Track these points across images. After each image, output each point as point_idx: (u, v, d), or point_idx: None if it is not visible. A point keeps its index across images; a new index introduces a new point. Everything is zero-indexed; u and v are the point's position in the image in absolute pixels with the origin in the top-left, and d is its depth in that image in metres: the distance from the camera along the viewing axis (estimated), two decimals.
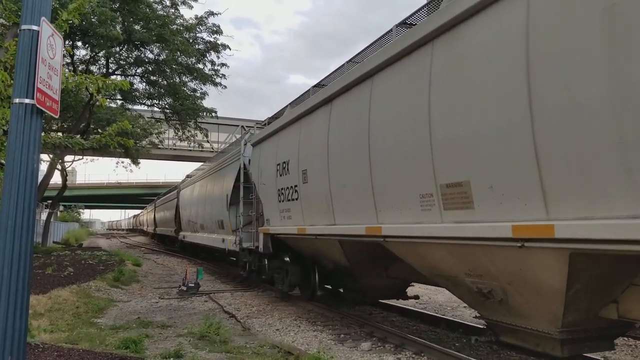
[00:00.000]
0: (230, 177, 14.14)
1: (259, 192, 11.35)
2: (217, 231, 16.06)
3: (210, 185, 17.48)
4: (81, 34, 18.04)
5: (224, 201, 14.44)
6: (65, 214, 66.88)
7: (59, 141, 9.59)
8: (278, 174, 9.95)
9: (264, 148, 11.21)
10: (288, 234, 9.74)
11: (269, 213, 10.69)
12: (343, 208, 7.44)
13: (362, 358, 6.64)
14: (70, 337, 7.05)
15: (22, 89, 3.26)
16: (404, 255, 6.53)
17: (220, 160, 17.10)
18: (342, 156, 7.36)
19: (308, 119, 8.79)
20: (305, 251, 10.10)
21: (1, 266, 3.08)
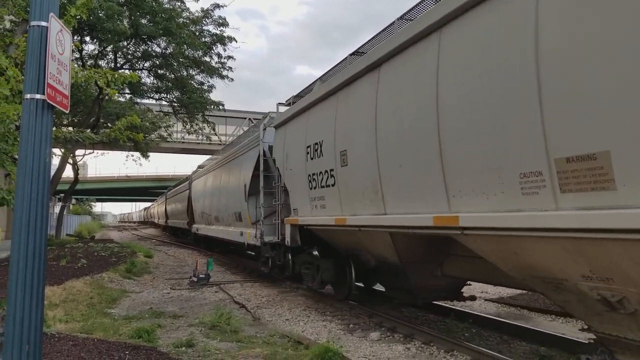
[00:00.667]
0: (248, 165, 13.09)
1: (285, 179, 10.29)
2: (234, 224, 14.97)
3: (226, 175, 16.36)
4: (89, 29, 18.16)
5: (241, 192, 13.44)
6: (77, 207, 67.51)
7: (70, 135, 9.70)
8: (308, 158, 8.85)
9: (290, 129, 10.08)
10: (321, 225, 8.69)
11: (297, 202, 9.69)
12: (397, 194, 6.26)
13: (371, 348, 6.70)
14: (84, 327, 7.19)
15: (32, 85, 3.32)
16: (488, 252, 5.18)
17: (236, 147, 15.85)
18: (397, 130, 6.12)
19: (347, 91, 7.62)
20: (341, 245, 9.04)
21: (17, 258, 3.16)
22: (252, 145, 13.20)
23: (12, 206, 5.02)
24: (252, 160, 12.69)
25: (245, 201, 13.01)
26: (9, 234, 27.76)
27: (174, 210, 32.92)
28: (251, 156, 12.94)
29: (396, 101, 6.19)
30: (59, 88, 3.54)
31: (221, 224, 16.99)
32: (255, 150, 12.51)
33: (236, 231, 14.46)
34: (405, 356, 6.31)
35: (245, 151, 13.99)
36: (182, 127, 27.44)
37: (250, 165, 12.79)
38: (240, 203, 13.64)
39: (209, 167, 21.02)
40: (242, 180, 13.56)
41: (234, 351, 6.34)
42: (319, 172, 8.50)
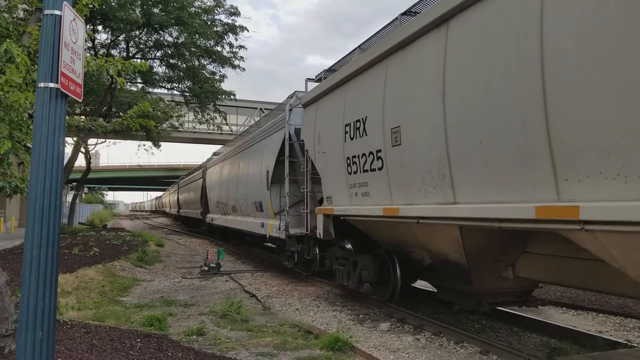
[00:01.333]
0: (271, 150, 12.05)
1: (316, 163, 9.27)
2: (253, 214, 13.96)
3: (244, 162, 15.13)
4: (101, 18, 18.21)
5: (262, 179, 12.41)
6: (89, 196, 68.17)
7: (83, 124, 9.76)
8: (347, 138, 7.79)
9: (323, 107, 9.02)
10: (363, 216, 7.59)
11: (332, 189, 8.61)
12: (475, 178, 5.08)
13: (381, 338, 6.71)
14: (96, 315, 7.27)
15: (46, 73, 3.32)
16: (617, 253, 3.96)
17: (257, 132, 14.69)
18: (477, 96, 4.95)
19: (400, 56, 6.44)
20: (385, 239, 7.86)
21: (31, 246, 3.18)
22: (276, 128, 12.10)
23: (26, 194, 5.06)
24: (275, 145, 11.67)
25: (267, 190, 12.06)
26: (22, 222, 28.13)
27: (187, 199, 32.12)
28: (275, 140, 11.92)
29: (475, 59, 5.00)
30: (73, 77, 3.54)
31: (239, 215, 16.00)
32: (280, 134, 11.46)
33: (256, 222, 13.50)
34: (415, 347, 6.31)
35: (267, 135, 12.92)
36: (193, 117, 27.52)
37: (273, 150, 11.81)
38: (261, 192, 12.73)
39: (225, 154, 19.79)
40: (263, 167, 12.52)
41: (244, 340, 6.38)
42: (361, 154, 7.41)
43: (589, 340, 6.20)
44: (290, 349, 5.95)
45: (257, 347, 6.05)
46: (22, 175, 8.10)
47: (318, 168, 9.22)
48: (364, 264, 8.30)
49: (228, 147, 20.25)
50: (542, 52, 4.12)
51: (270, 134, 12.63)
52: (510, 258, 6.06)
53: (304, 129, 10.01)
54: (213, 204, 20.98)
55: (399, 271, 7.93)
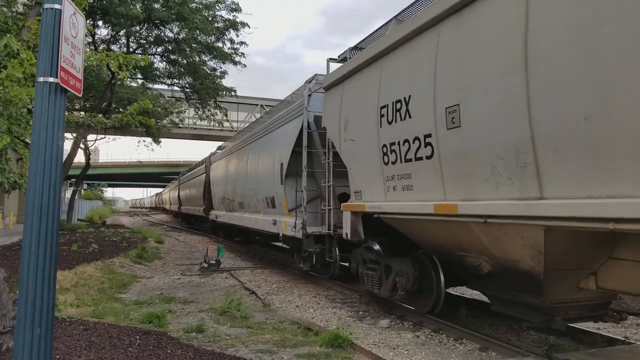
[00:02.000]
0: (286, 140, 11.07)
1: (341, 153, 8.32)
2: (264, 211, 12.92)
3: (254, 155, 14.07)
4: (102, 13, 18.16)
5: (276, 173, 11.43)
6: (89, 192, 68.07)
7: (82, 120, 9.73)
8: (383, 122, 6.76)
9: (350, 89, 8.06)
10: (405, 214, 6.48)
11: (362, 182, 7.66)
12: (576, 165, 4.02)
13: (380, 335, 6.69)
14: (95, 312, 7.25)
15: (45, 68, 3.29)
16: None
17: (269, 121, 13.55)
18: (581, 59, 3.89)
19: (456, 20, 5.38)
20: (432, 240, 6.58)
21: (29, 242, 3.15)
22: (293, 116, 11.08)
23: (25, 190, 5.03)
24: (292, 134, 10.69)
25: (281, 184, 11.05)
26: (21, 218, 28.10)
27: (189, 195, 31.11)
28: (291, 129, 10.93)
29: (581, 3, 3.93)
30: (72, 71, 3.50)
31: (247, 211, 14.90)
32: (298, 122, 10.50)
33: (267, 220, 12.40)
34: (414, 344, 6.30)
35: (282, 124, 11.90)
36: (193, 113, 27.49)
37: (289, 140, 10.78)
38: (273, 186, 11.71)
39: (231, 147, 18.60)
40: (277, 159, 11.52)
41: (244, 337, 6.36)
42: (402, 140, 6.35)
43: (587, 337, 6.20)
44: (290, 346, 5.94)
45: (257, 344, 6.03)
46: (20, 171, 8.07)
47: (344, 159, 8.24)
48: (400, 270, 7.27)
49: (234, 140, 19.12)
50: None
51: (285, 123, 11.60)
52: (593, 265, 4.99)
53: (326, 115, 9.05)
54: (217, 201, 20.04)
55: (443, 278, 6.86)
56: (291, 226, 10.30)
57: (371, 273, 7.98)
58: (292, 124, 11.00)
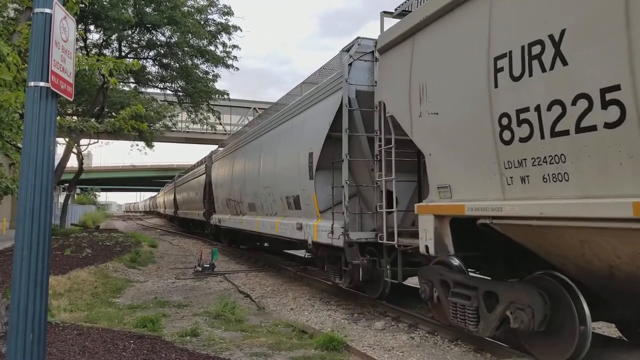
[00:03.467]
0: (317, 124, 9.12)
1: (415, 132, 6.38)
2: (283, 213, 11.06)
3: (270, 147, 12.02)
4: (93, 18, 18.11)
5: (302, 166, 9.50)
6: (82, 197, 67.81)
7: (74, 125, 9.69)
8: (502, 79, 4.89)
9: (428, 43, 6.20)
10: (551, 218, 4.46)
11: (452, 173, 5.76)
12: None
13: (375, 337, 6.70)
14: (89, 317, 7.22)
15: (36, 72, 3.28)
16: None
17: (291, 104, 11.29)
18: None
19: None
20: (586, 259, 4.52)
21: (21, 247, 3.14)
22: (326, 92, 9.01)
23: (16, 195, 5.01)
24: (326, 115, 8.75)
25: (310, 179, 9.11)
26: (13, 223, 27.92)
27: (186, 198, 29.27)
28: (324, 109, 8.98)
29: None
30: (63, 76, 3.50)
31: (259, 214, 12.92)
32: (334, 99, 8.54)
33: (288, 223, 10.41)
34: (409, 345, 6.31)
35: (311, 104, 9.80)
36: (186, 117, 27.44)
37: (322, 123, 8.86)
38: (298, 183, 9.74)
39: (237, 141, 16.37)
40: (304, 148, 9.53)
41: (238, 340, 6.35)
42: (546, 102, 4.40)
43: None
44: (285, 349, 5.93)
45: (252, 347, 6.02)
46: (13, 176, 8.03)
47: (419, 141, 6.34)
48: (516, 300, 5.10)
49: (241, 135, 16.93)
50: None
51: (315, 102, 9.56)
52: None
53: (383, 85, 7.26)
54: (220, 203, 18.19)
55: (587, 311, 4.67)
56: (326, 231, 8.42)
57: (462, 302, 5.75)
58: (325, 102, 8.97)
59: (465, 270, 6.00)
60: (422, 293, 6.55)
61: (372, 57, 8.21)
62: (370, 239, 7.85)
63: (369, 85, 8.16)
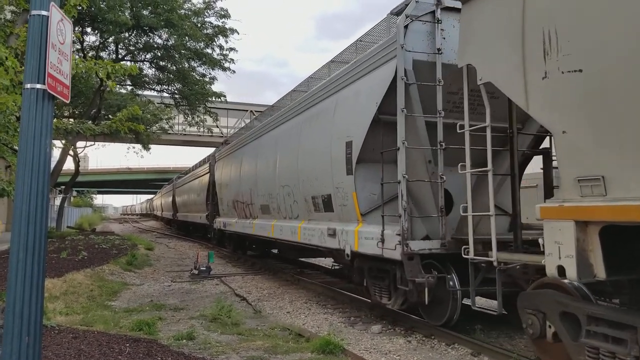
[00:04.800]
0: (358, 106, 7.48)
1: (534, 102, 4.73)
2: (308, 216, 9.44)
3: (290, 139, 10.29)
4: (90, 20, 18.09)
5: (336, 158, 7.89)
6: (78, 200, 67.57)
7: (71, 127, 9.68)
8: None
9: None
10: None
11: (608, 159, 4.08)
12: None
13: (372, 340, 6.69)
14: (85, 320, 7.19)
15: (33, 75, 3.28)
16: None
17: (323, 83, 9.32)
18: None
19: None
20: None
21: (17, 250, 3.13)
22: (371, 65, 7.34)
23: (13, 197, 4.99)
24: (370, 95, 7.14)
25: (348, 174, 7.53)
26: (9, 226, 27.81)
27: (187, 200, 27.53)
28: (369, 87, 7.31)
29: None
30: (60, 78, 3.49)
31: (275, 217, 11.40)
32: (383, 73, 6.92)
33: (317, 229, 8.80)
34: (406, 349, 6.30)
35: (347, 82, 8.09)
36: (183, 119, 27.41)
37: (365, 104, 7.24)
38: (330, 179, 8.14)
39: (248, 135, 14.62)
40: (339, 136, 7.89)
41: (234, 344, 6.33)
42: None
43: None
44: (281, 353, 5.92)
45: (248, 350, 6.01)
46: (9, 178, 8.01)
47: (543, 112, 4.69)
48: None
49: (250, 129, 15.27)
50: None
51: (353, 81, 7.87)
52: None
53: (471, 41, 5.64)
54: (226, 205, 16.62)
55: None
56: (373, 239, 6.88)
57: (611, 348, 4.13)
58: (370, 78, 7.36)
59: (592, 298, 4.59)
60: (529, 328, 5.02)
61: (432, 18, 6.74)
62: (434, 249, 6.33)
63: (430, 54, 6.68)
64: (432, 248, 6.36)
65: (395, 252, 6.34)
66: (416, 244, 6.32)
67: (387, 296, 7.20)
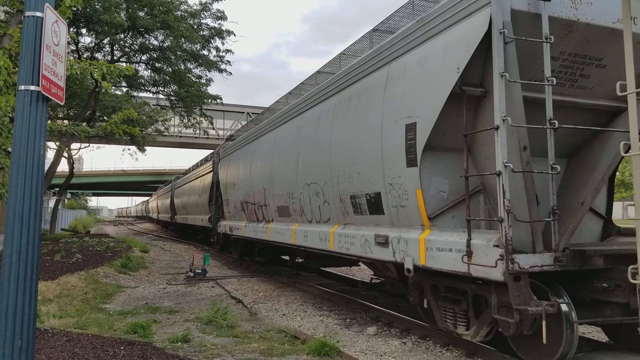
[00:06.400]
0: (427, 77, 5.72)
1: None
2: (346, 219, 7.68)
3: (319, 126, 8.52)
4: (85, 21, 18.04)
5: (390, 147, 6.28)
6: (72, 202, 67.34)
7: (65, 129, 9.63)
8: None
9: None
10: None
11: None
12: None
13: (367, 342, 6.68)
14: (79, 323, 7.14)
15: (27, 76, 3.27)
16: None
17: (362, 58, 7.38)
18: None
19: None
20: None
21: (10, 252, 3.11)
22: (454, 16, 5.45)
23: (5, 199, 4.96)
24: (449, 58, 5.36)
25: (410, 166, 5.83)
26: (2, 228, 27.65)
27: (187, 202, 25.65)
28: (447, 46, 5.46)
29: None
30: (54, 79, 3.48)
31: (297, 221, 9.73)
32: (466, 29, 5.23)
33: (358, 235, 7.14)
34: (401, 351, 6.29)
35: (408, 47, 6.18)
36: (179, 121, 27.35)
37: (440, 70, 5.48)
38: (381, 173, 6.47)
39: (264, 125, 12.36)
40: (394, 119, 6.18)
41: (230, 346, 6.31)
42: None
43: None
44: (277, 355, 5.90)
45: (244, 353, 5.99)
46: (2, 180, 7.96)
47: None
48: None
49: (262, 121, 13.31)
50: None
51: (422, 41, 5.92)
52: None
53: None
54: (232, 207, 15.02)
55: None
56: (452, 250, 5.21)
57: None
58: (447, 36, 5.53)
59: None
60: None
61: None
62: (546, 265, 4.74)
63: (532, 2, 5.02)
64: (543, 264, 4.76)
65: (494, 271, 4.65)
66: (525, 259, 4.64)
67: (464, 324, 5.65)
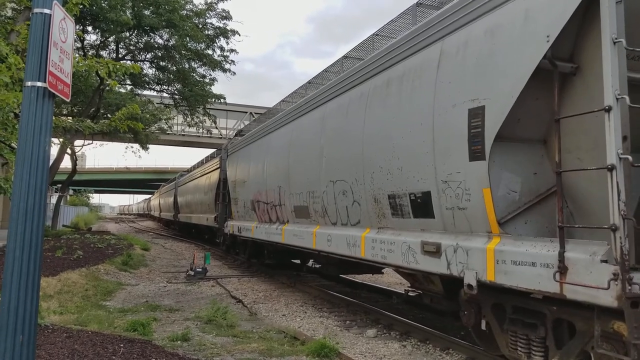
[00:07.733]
0: (500, 47, 4.56)
1: None
2: (381, 223, 6.67)
3: (348, 116, 7.50)
4: (91, 19, 18.12)
5: (446, 136, 5.21)
6: (74, 198, 67.37)
7: (70, 125, 9.66)
8: None
9: None
10: None
11: None
12: None
13: (367, 344, 6.68)
14: (79, 319, 7.16)
15: (34, 72, 3.28)
16: None
17: (402, 37, 6.38)
18: None
19: None
20: None
21: (13, 247, 3.12)
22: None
23: (10, 195, 4.98)
24: (535, 24, 4.20)
25: (474, 159, 4.88)
26: (5, 223, 27.71)
27: (191, 200, 24.52)
28: (529, 10, 4.28)
29: None
30: (61, 76, 3.49)
31: (319, 222, 8.70)
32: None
33: (399, 242, 6.09)
34: (401, 354, 6.29)
35: (478, 10, 4.90)
36: (182, 120, 27.41)
37: (520, 41, 4.37)
38: (432, 168, 5.43)
39: (280, 117, 11.20)
40: (452, 102, 5.13)
41: (229, 346, 6.31)
42: None
43: None
44: (276, 355, 5.90)
45: (243, 353, 5.99)
46: (6, 176, 7.98)
47: None
48: None
49: (276, 113, 12.10)
50: None
51: (492, 7, 4.76)
52: None
53: None
54: (242, 207, 13.96)
55: None
56: (537, 265, 4.14)
57: None
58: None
59: None
60: None
61: None
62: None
63: None
64: None
65: (604, 294, 3.57)
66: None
67: (540, 354, 4.60)
